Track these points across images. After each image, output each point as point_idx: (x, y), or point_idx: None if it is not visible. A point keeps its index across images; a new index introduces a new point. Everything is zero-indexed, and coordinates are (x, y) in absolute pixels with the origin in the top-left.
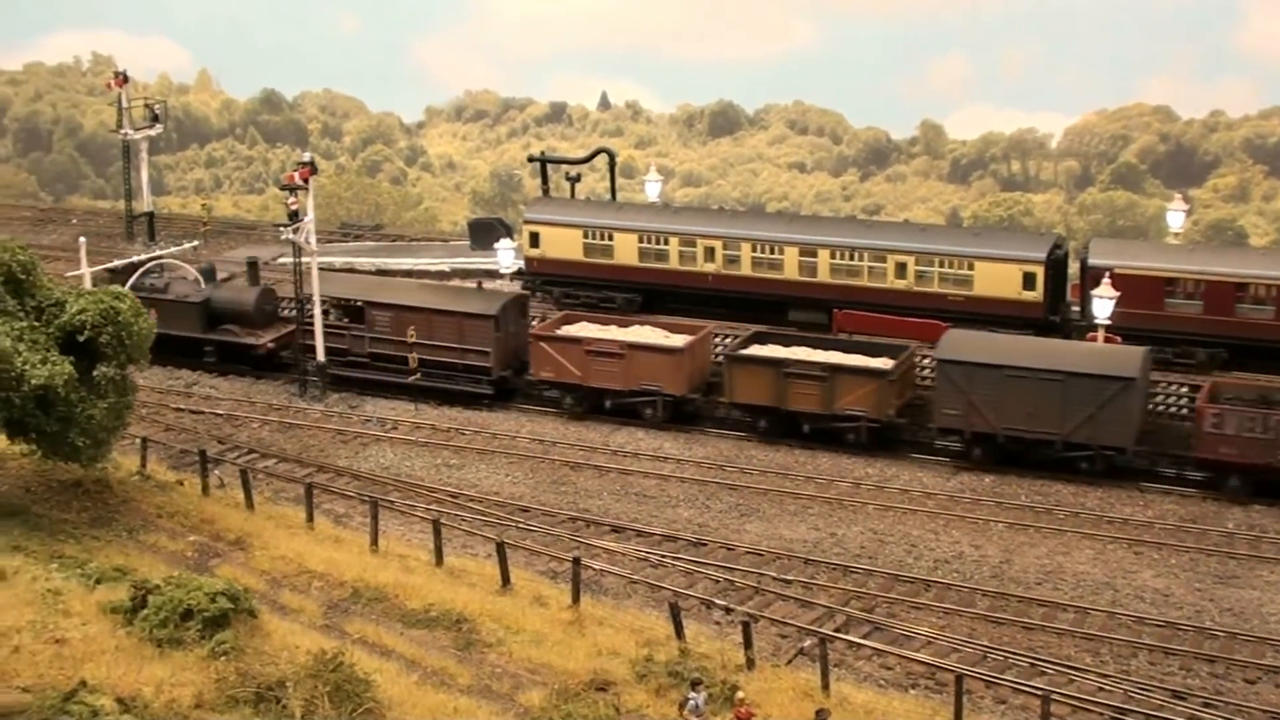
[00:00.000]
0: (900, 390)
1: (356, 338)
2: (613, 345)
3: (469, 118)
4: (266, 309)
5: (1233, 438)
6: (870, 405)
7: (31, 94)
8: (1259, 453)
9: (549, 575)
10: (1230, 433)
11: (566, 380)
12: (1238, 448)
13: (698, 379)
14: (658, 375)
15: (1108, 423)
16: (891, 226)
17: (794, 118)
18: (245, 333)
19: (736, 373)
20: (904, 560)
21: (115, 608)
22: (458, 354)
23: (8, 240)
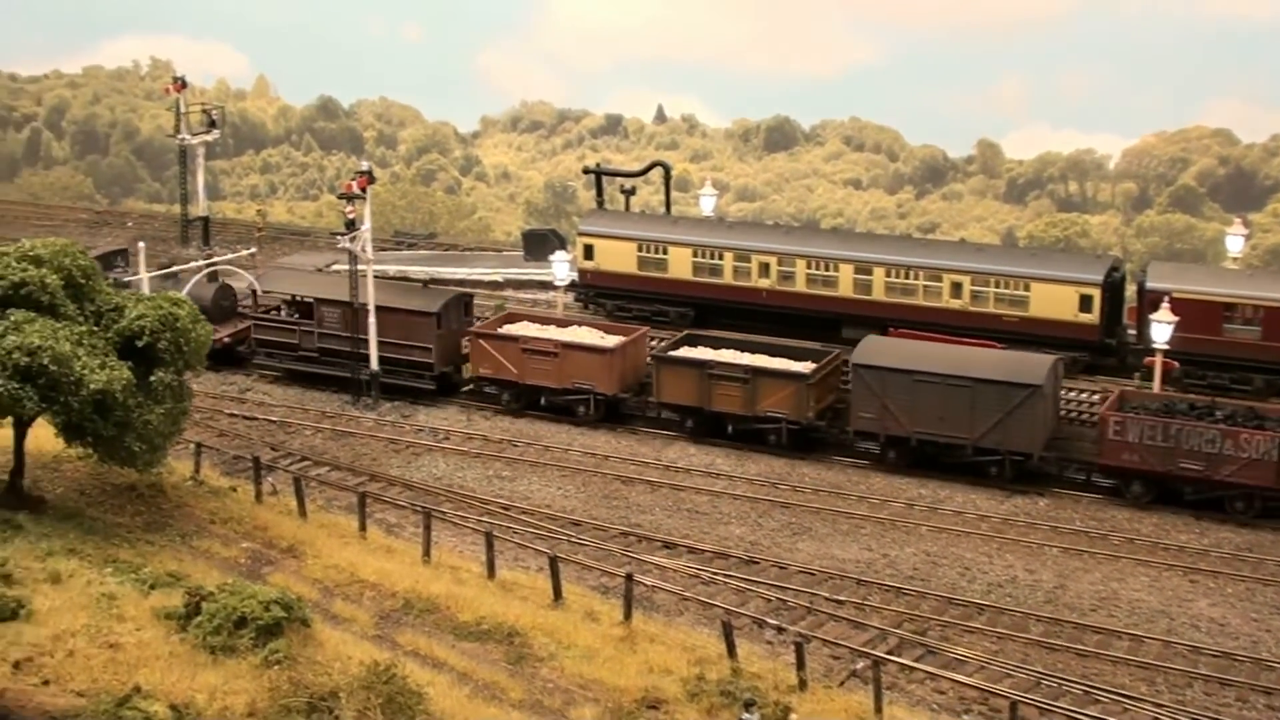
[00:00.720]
0: (820, 394)
1: (306, 333)
2: (547, 344)
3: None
4: (224, 304)
5: (1134, 445)
6: (790, 407)
7: (90, 97)
8: (1159, 460)
9: (600, 590)
10: (1132, 440)
11: (504, 377)
12: (1139, 455)
13: (630, 379)
14: (590, 374)
15: (1015, 428)
16: (947, 245)
17: (850, 134)
18: None
19: (664, 373)
20: (957, 583)
21: (169, 614)
22: (403, 350)
23: (69, 244)
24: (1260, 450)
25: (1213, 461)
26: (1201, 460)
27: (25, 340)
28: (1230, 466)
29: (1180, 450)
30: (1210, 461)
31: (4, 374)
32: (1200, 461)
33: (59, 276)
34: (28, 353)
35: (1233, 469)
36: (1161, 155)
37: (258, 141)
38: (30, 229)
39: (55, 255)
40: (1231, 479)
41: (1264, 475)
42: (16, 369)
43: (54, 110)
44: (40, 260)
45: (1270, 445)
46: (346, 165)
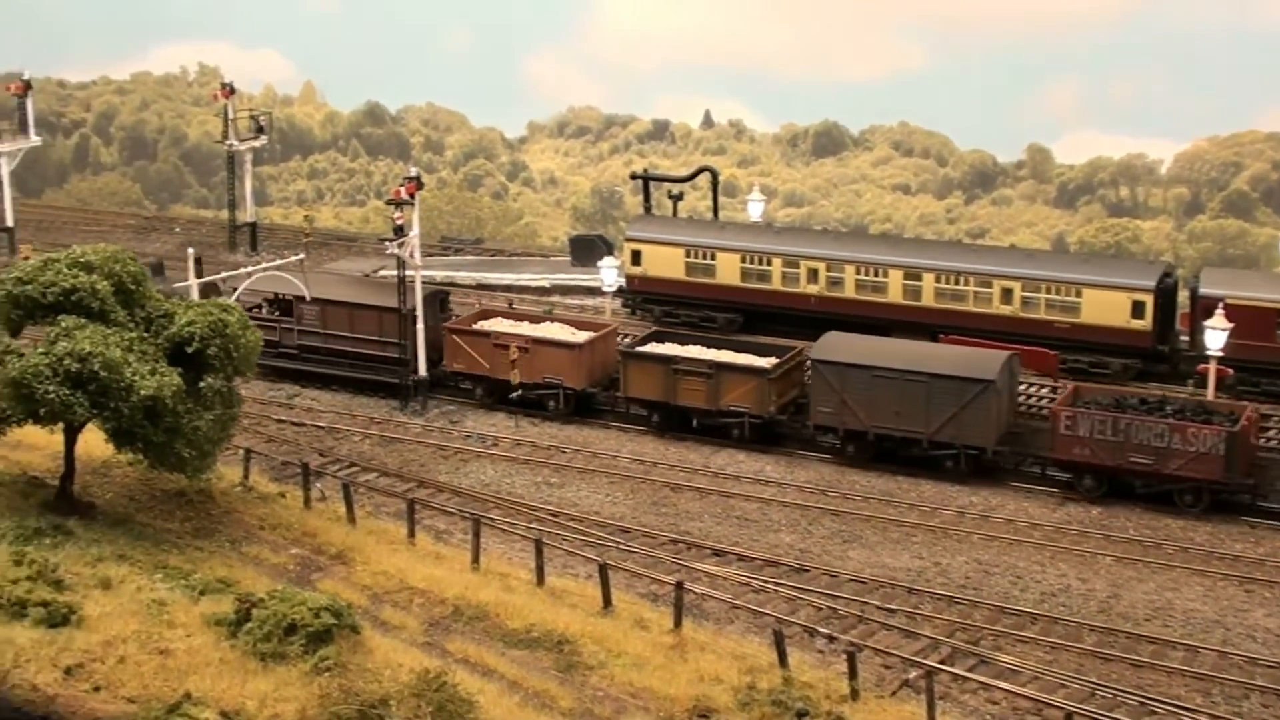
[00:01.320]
0: (781, 389)
1: (286, 330)
2: (517, 340)
3: (571, 133)
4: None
5: (1085, 439)
6: (752, 402)
7: (138, 103)
8: (1109, 454)
9: (650, 598)
10: (1083, 434)
11: (476, 372)
12: (1090, 449)
13: (598, 374)
14: (559, 369)
15: (970, 423)
16: (998, 251)
17: (899, 139)
18: None
19: (631, 369)
20: (1010, 592)
21: (219, 620)
22: (378, 346)
23: (119, 251)
24: (1207, 444)
25: (1161, 455)
26: (1150, 454)
27: (76, 346)
28: (1178, 460)
29: (1130, 444)
30: (1159, 455)
31: (55, 380)
32: (1149, 455)
33: (109, 283)
34: (79, 359)
35: (1181, 463)
36: (1214, 160)
37: (305, 147)
38: (79, 235)
39: (105, 261)
40: (1180, 472)
41: (1211, 469)
42: (68, 375)
43: (102, 116)
44: (91, 267)
45: (1217, 439)
46: (393, 171)
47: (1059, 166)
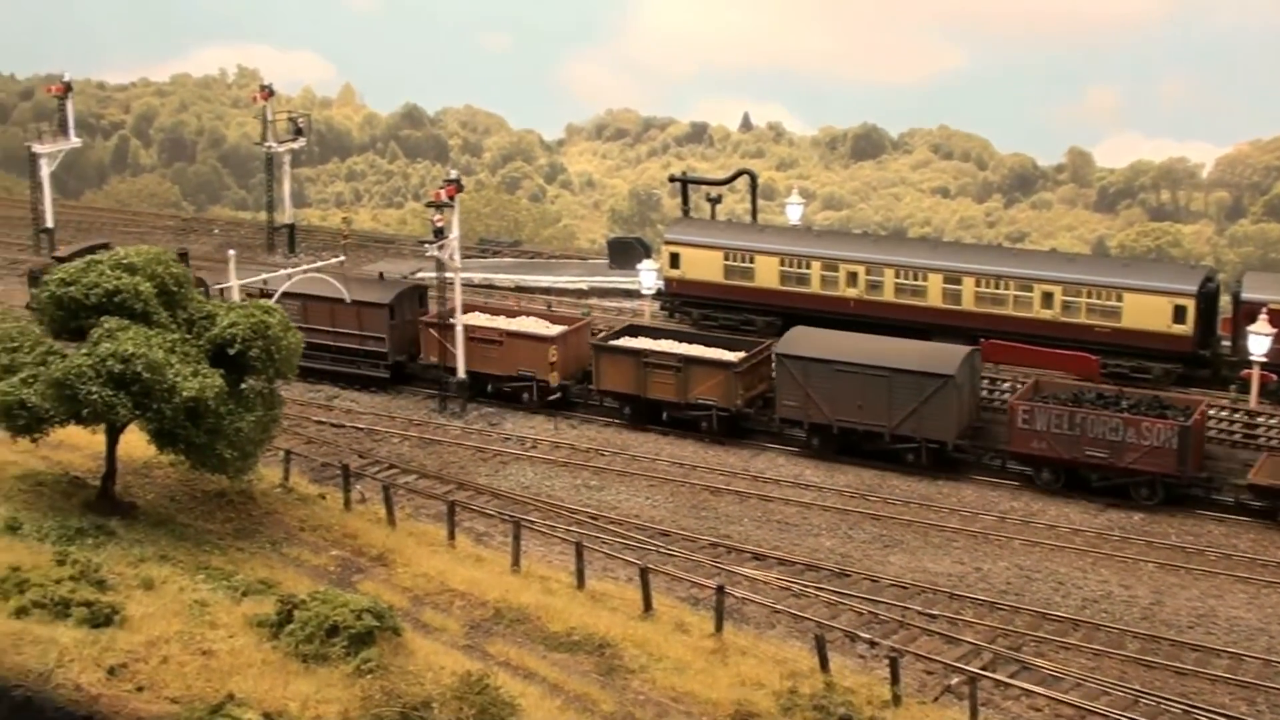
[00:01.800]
0: (749, 383)
1: None
2: (493, 332)
3: (609, 136)
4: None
5: (1042, 433)
6: (719, 395)
7: (177, 105)
8: (1066, 448)
9: (690, 601)
10: (1040, 428)
11: (451, 364)
12: (1047, 442)
13: (572, 367)
14: (533, 362)
15: (930, 417)
16: (1038, 255)
17: (938, 142)
18: None
19: (603, 362)
20: (1051, 598)
21: (261, 621)
22: (357, 340)
23: (161, 253)
24: (1161, 438)
25: (1116, 449)
26: (1106, 448)
27: (119, 348)
28: (1133, 454)
29: (1086, 438)
30: (1114, 449)
31: (98, 381)
32: (1104, 449)
33: (152, 284)
34: (121, 360)
35: (1135, 456)
36: (1256, 164)
37: (343, 149)
38: (118, 236)
39: (148, 263)
40: (1134, 466)
41: (1165, 462)
42: (110, 376)
43: (142, 118)
44: (134, 268)
45: (1170, 433)
46: (431, 173)
47: (1099, 170)
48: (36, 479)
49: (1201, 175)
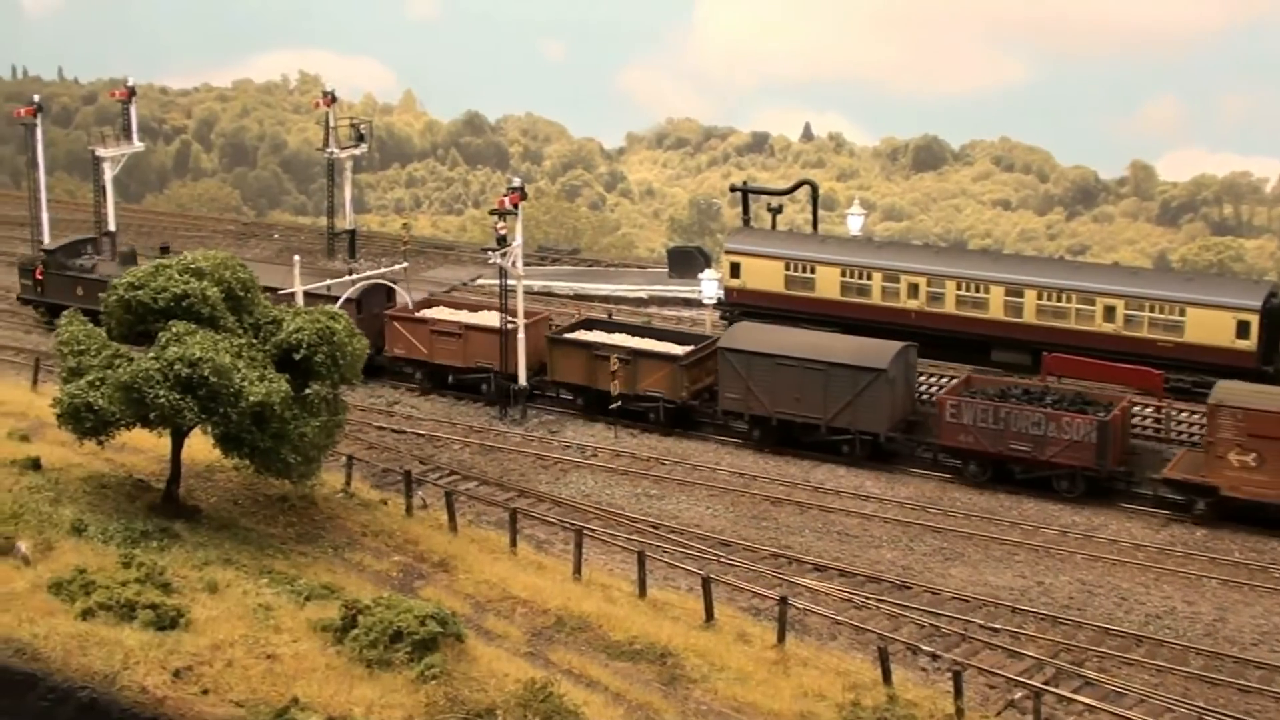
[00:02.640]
0: (694, 375)
1: None
2: (453, 326)
3: (670, 145)
4: None
5: (969, 427)
6: (666, 387)
7: (239, 110)
8: (991, 441)
9: (752, 611)
10: (967, 422)
11: (415, 357)
12: (974, 436)
13: (530, 359)
14: (491, 354)
15: (864, 409)
16: (1100, 268)
17: (1000, 154)
18: None
19: (557, 354)
20: (1114, 613)
21: (325, 626)
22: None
23: (229, 258)
24: (1081, 432)
25: (1038, 443)
26: (1029, 442)
27: (186, 352)
28: (1054, 448)
29: (1010, 432)
30: (1036, 443)
31: (165, 385)
32: (1028, 443)
33: (219, 289)
34: (189, 364)
35: (1056, 450)
36: None
37: (404, 156)
38: (178, 240)
39: (216, 268)
40: (1056, 459)
41: (1084, 456)
42: (178, 380)
43: (203, 123)
44: (201, 273)
45: (1089, 428)
46: (491, 180)
47: (1162, 184)
48: (101, 481)
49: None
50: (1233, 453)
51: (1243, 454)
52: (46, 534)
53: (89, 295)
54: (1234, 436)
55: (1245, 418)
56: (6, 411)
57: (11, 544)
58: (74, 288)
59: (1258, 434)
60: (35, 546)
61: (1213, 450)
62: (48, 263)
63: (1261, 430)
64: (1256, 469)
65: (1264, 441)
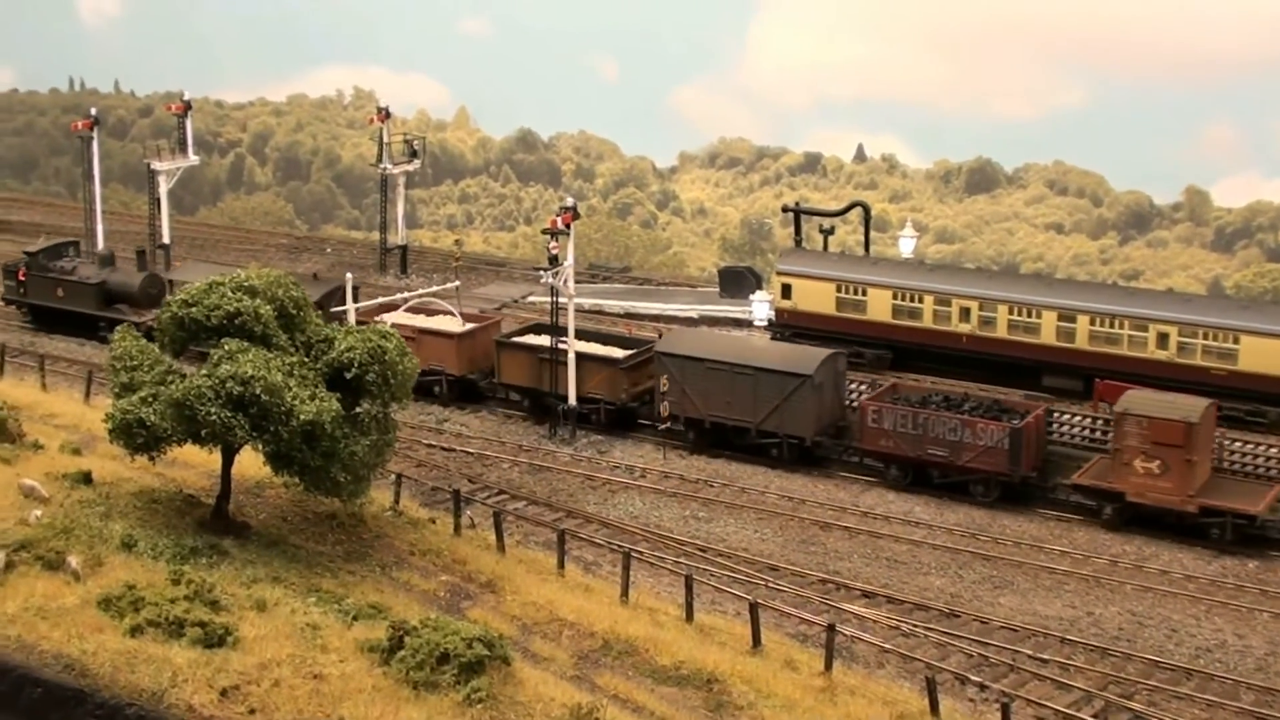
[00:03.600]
0: (634, 379)
1: None
2: (405, 329)
3: (722, 164)
4: (151, 291)
5: (889, 432)
6: (607, 390)
7: (293, 125)
8: (910, 446)
9: (799, 638)
10: (887, 427)
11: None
12: (893, 441)
13: (480, 362)
14: (442, 357)
15: (791, 414)
16: (1154, 294)
17: (1054, 177)
18: (132, 311)
19: (504, 357)
20: (1164, 646)
21: (372, 646)
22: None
23: (281, 275)
24: (994, 438)
25: (955, 448)
26: (945, 447)
27: (239, 370)
28: (969, 453)
29: (927, 437)
30: (953, 448)
31: (217, 402)
32: (945, 448)
33: (272, 307)
34: (241, 382)
35: (971, 455)
36: None
37: (456, 172)
38: (232, 253)
39: (269, 286)
40: (971, 464)
41: (997, 461)
42: (229, 398)
43: (258, 137)
44: (254, 291)
45: (1002, 434)
46: (543, 197)
47: (1217, 209)
48: (152, 496)
49: None
50: (1138, 460)
51: (1147, 461)
52: (96, 549)
53: (69, 297)
54: (1139, 444)
55: (1149, 426)
56: (59, 424)
57: (62, 559)
58: (55, 289)
59: (1161, 442)
60: (85, 562)
61: (1119, 457)
62: (30, 265)
63: (1165, 438)
64: (1160, 476)
65: (1167, 449)
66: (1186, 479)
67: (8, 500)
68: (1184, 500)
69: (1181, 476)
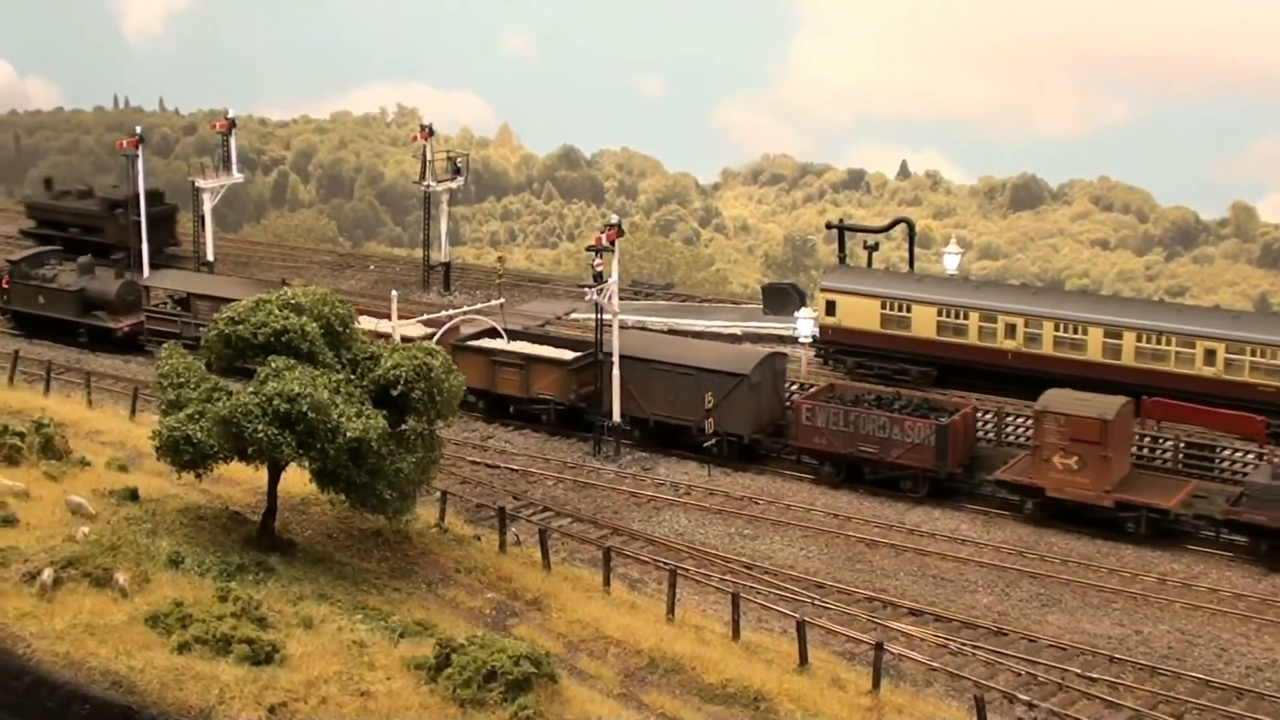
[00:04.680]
0: (582, 380)
1: (185, 323)
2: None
3: (765, 181)
4: (128, 299)
5: (823, 429)
6: (556, 391)
7: (336, 142)
8: (843, 443)
9: (845, 656)
10: (821, 425)
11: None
12: (826, 438)
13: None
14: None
15: (730, 412)
16: (1201, 311)
17: (1099, 194)
18: (109, 318)
19: (458, 359)
20: (1214, 665)
21: (419, 664)
22: None
23: (328, 294)
24: (921, 435)
25: (884, 445)
26: (875, 444)
27: (285, 387)
28: (898, 450)
29: (859, 435)
30: (882, 445)
31: (264, 420)
32: (875, 445)
33: (318, 325)
34: (288, 399)
35: (900, 452)
36: None
37: (499, 189)
38: (275, 269)
39: (315, 304)
40: (899, 460)
41: (924, 458)
42: (276, 415)
43: (301, 154)
44: (301, 309)
45: (929, 431)
46: (586, 214)
47: (1264, 225)
48: (198, 513)
49: None
50: (1057, 456)
51: (1065, 457)
52: (144, 566)
53: (50, 303)
54: (1057, 441)
55: (1067, 423)
56: (105, 441)
57: (110, 576)
58: (36, 296)
59: (1079, 438)
60: (133, 579)
61: (1039, 454)
62: (13, 273)
63: (1082, 435)
64: (1078, 471)
65: (1084, 445)
66: (1102, 474)
67: (55, 517)
68: (1100, 495)
69: (1098, 472)
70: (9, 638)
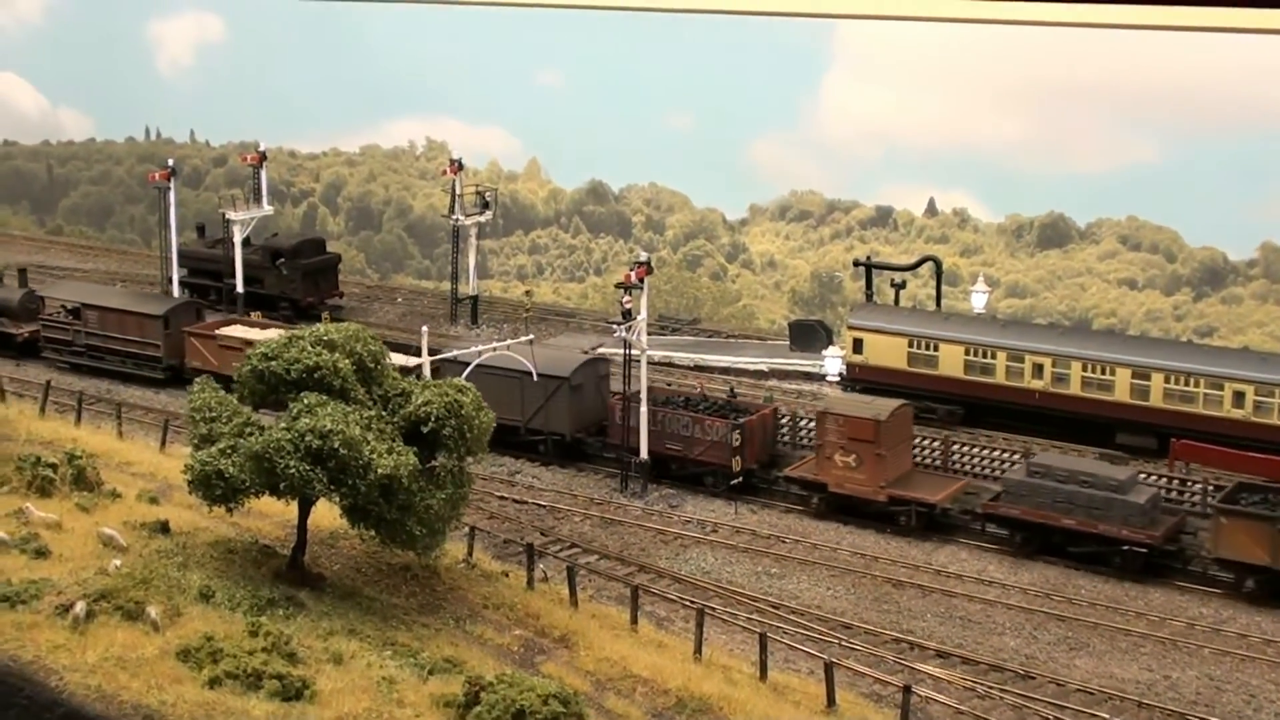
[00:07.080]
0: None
1: (77, 331)
2: (238, 341)
3: (793, 217)
4: (29, 307)
5: (634, 429)
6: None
7: (366, 175)
8: (653, 441)
9: (873, 698)
10: (633, 424)
11: (208, 369)
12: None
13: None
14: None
15: (553, 413)
16: (1229, 352)
17: (1127, 233)
18: (10, 324)
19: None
20: (1243, 711)
21: (448, 701)
22: (139, 345)
23: (360, 330)
24: (719, 434)
25: (688, 443)
26: (680, 442)
27: (318, 423)
28: (700, 447)
29: (665, 433)
30: (686, 443)
31: (296, 455)
32: (680, 443)
33: (350, 361)
34: (320, 436)
35: (701, 449)
36: None
37: (527, 223)
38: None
39: (347, 340)
40: (701, 457)
41: (721, 455)
42: (308, 451)
43: (330, 187)
44: (333, 345)
45: (726, 430)
46: (614, 249)
47: None
48: (228, 546)
49: None
50: (837, 454)
51: (845, 455)
52: (175, 599)
53: None
54: (837, 440)
55: (846, 423)
56: (136, 472)
57: (141, 609)
58: None
59: (856, 438)
60: (164, 612)
61: (822, 452)
62: None
63: (859, 435)
64: (856, 469)
65: (861, 444)
66: (877, 471)
67: (87, 549)
68: (875, 490)
69: (873, 469)
70: (42, 670)
